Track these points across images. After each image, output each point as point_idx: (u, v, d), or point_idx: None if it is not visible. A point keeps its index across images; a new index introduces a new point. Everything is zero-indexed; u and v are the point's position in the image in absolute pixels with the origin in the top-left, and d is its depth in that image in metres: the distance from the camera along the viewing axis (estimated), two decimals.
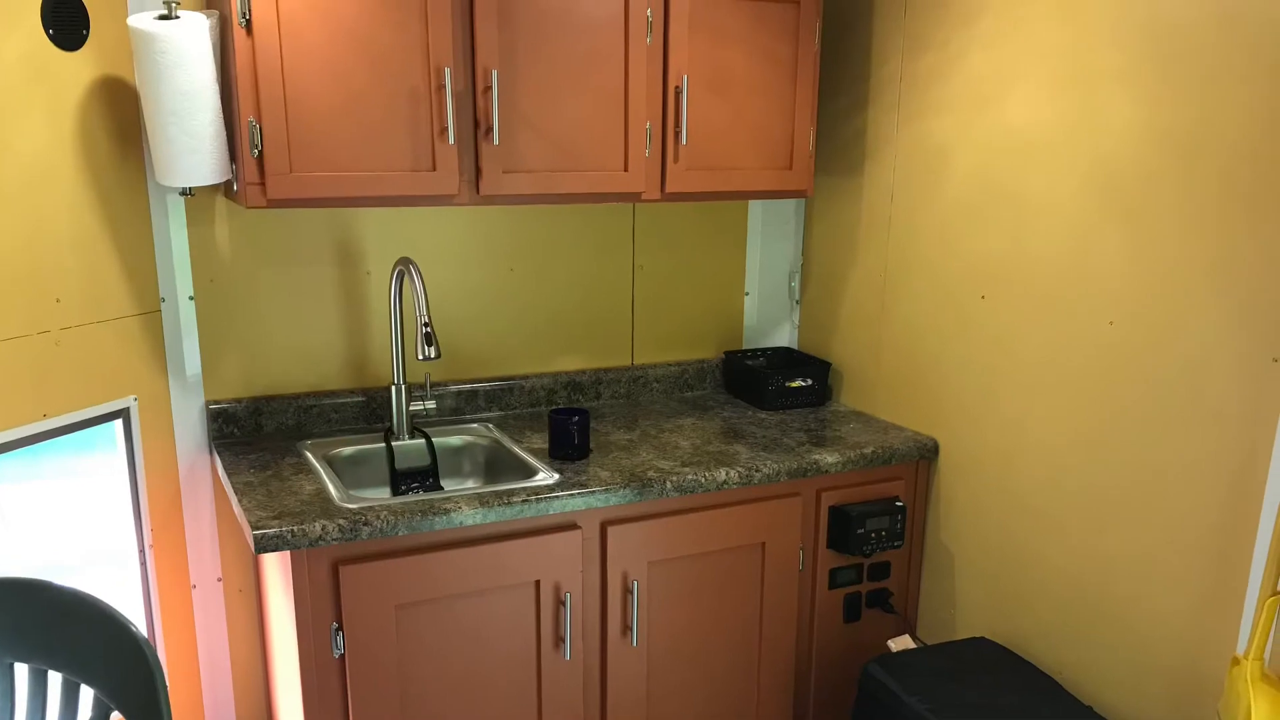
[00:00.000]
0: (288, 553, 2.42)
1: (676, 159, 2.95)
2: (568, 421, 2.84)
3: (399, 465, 2.98)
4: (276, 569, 2.67)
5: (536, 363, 3.39)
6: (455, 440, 3.06)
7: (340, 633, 2.47)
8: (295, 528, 2.35)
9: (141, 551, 2.88)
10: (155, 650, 1.92)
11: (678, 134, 2.94)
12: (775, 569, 2.95)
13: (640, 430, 3.15)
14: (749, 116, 3.03)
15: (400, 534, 2.45)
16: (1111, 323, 2.51)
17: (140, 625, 2.88)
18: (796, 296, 3.69)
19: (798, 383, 3.40)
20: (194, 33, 2.46)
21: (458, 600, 2.58)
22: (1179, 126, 2.31)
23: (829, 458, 2.92)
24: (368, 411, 3.14)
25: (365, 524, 2.41)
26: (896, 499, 3.06)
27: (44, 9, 2.48)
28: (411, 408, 3.00)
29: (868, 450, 2.98)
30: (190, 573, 3.03)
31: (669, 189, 2.96)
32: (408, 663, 2.55)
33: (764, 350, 3.63)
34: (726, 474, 2.79)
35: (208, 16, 2.52)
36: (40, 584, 1.94)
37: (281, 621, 2.69)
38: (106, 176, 2.68)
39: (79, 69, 2.58)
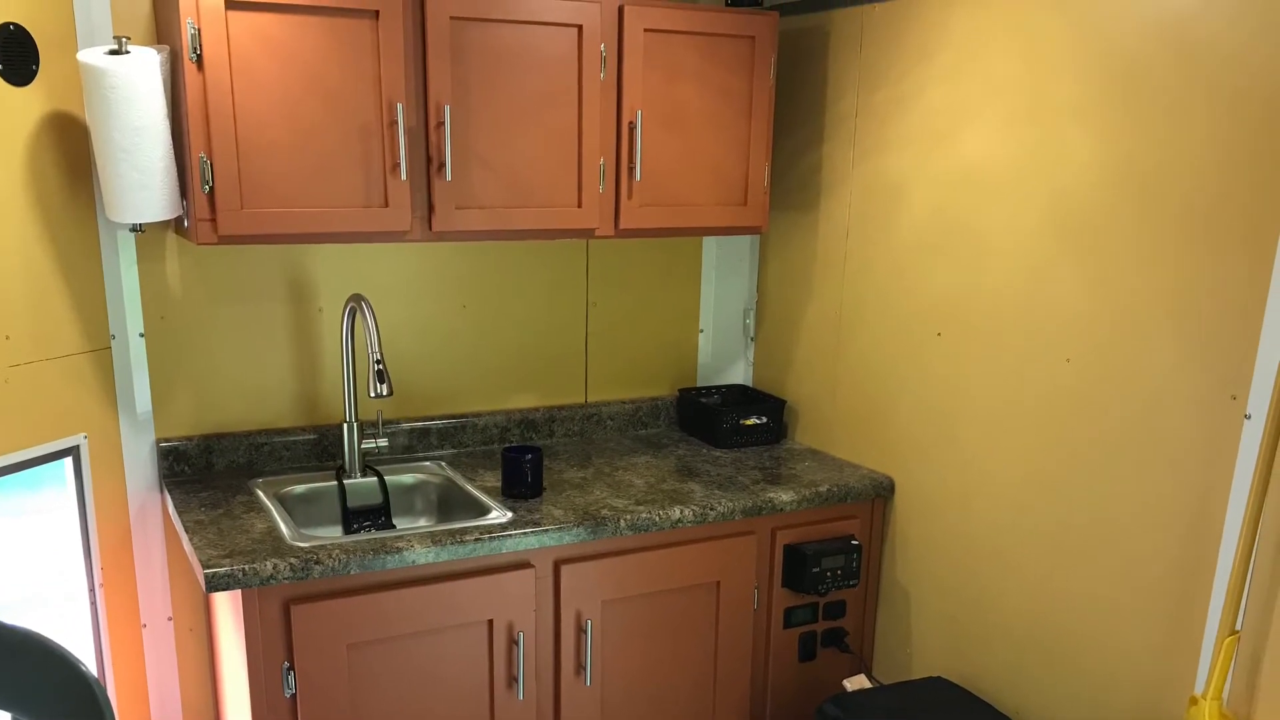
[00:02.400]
0: (239, 592, 2.39)
1: (630, 195, 2.96)
2: (520, 459, 2.82)
3: (351, 503, 2.95)
4: (227, 608, 2.63)
5: (489, 400, 3.37)
6: (407, 478, 3.04)
7: (292, 672, 2.44)
8: (246, 566, 2.33)
9: (91, 590, 2.84)
10: (105, 690, 1.89)
11: (631, 170, 2.95)
12: (730, 608, 2.94)
13: (594, 468, 3.14)
14: (703, 152, 3.04)
15: (352, 573, 2.43)
16: (1069, 360, 2.52)
17: (90, 664, 2.82)
18: (751, 333, 3.70)
19: (753, 420, 3.40)
20: (144, 68, 2.45)
21: (410, 640, 2.55)
22: (1137, 161, 2.33)
23: (784, 496, 2.92)
24: (319, 449, 3.12)
25: (317, 563, 2.38)
26: (852, 538, 3.06)
27: None
28: (363, 445, 2.98)
29: (823, 488, 2.98)
30: (141, 611, 2.99)
31: (623, 225, 2.97)
32: (360, 703, 2.52)
33: (719, 388, 3.63)
34: (681, 512, 2.78)
35: (158, 51, 2.51)
36: None
37: (232, 661, 2.66)
38: (56, 213, 2.66)
39: (29, 104, 2.56)
